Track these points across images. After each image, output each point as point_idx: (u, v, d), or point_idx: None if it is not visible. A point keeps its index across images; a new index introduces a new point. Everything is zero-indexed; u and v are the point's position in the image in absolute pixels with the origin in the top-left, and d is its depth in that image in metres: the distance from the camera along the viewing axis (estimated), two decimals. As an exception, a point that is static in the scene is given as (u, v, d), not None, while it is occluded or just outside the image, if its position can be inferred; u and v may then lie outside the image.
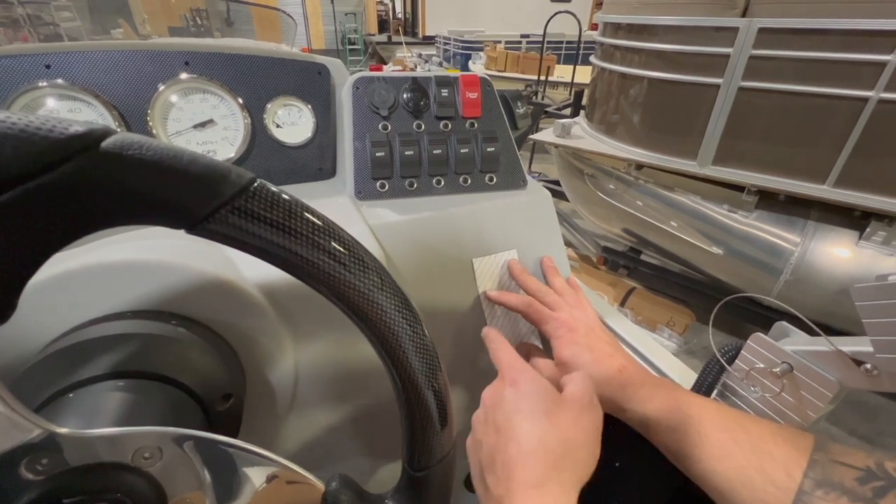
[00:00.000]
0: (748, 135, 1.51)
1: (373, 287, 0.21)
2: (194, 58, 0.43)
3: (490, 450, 0.31)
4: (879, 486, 0.26)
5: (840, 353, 0.31)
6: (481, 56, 5.63)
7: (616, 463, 0.57)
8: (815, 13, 1.28)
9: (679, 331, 1.95)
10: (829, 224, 1.53)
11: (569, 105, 2.90)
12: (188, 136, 0.45)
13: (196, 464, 0.22)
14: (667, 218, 1.82)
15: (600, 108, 1.98)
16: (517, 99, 0.55)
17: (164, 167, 0.16)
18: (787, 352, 0.35)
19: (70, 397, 0.25)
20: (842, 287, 1.48)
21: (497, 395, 0.34)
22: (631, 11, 1.71)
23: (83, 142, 0.14)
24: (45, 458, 0.19)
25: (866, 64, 1.26)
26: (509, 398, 0.33)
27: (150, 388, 0.27)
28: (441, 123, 0.50)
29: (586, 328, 0.43)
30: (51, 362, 0.26)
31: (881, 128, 1.30)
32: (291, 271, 0.19)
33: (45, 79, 0.38)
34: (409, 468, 0.26)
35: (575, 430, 0.31)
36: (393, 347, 0.22)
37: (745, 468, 0.30)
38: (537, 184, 0.55)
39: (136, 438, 0.20)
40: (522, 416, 0.31)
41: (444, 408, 0.25)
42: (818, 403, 0.33)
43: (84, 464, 0.19)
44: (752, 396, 0.38)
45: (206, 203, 0.16)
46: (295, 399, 0.39)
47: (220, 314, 0.33)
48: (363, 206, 0.46)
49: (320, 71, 0.49)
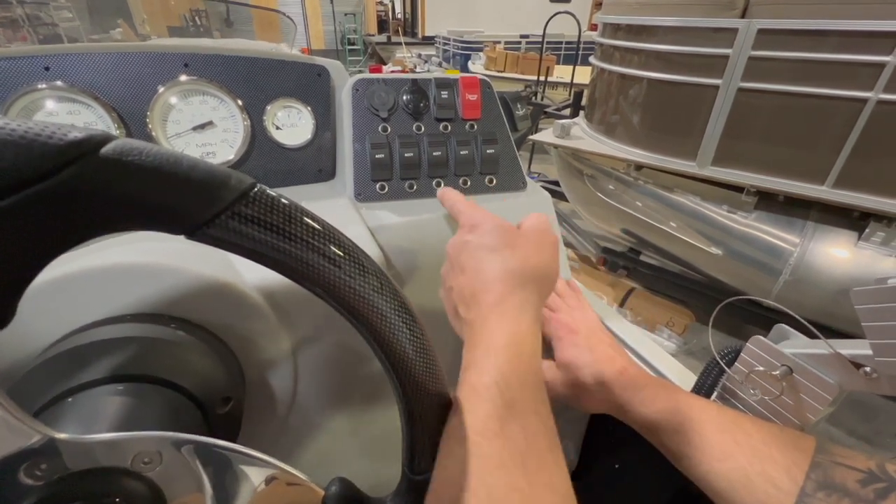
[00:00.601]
0: (747, 135, 1.51)
1: (372, 291, 0.21)
2: (194, 59, 0.43)
3: (460, 288, 0.34)
4: (881, 488, 0.26)
5: (839, 356, 0.31)
6: (481, 56, 5.64)
7: (616, 464, 0.57)
8: (815, 14, 1.28)
9: (678, 331, 1.95)
10: (829, 225, 1.53)
11: (568, 105, 2.90)
12: (188, 137, 0.45)
13: (195, 468, 0.22)
14: (666, 218, 1.82)
15: (600, 109, 1.98)
16: (517, 101, 0.55)
17: (163, 173, 0.15)
18: (786, 354, 0.35)
19: (69, 402, 0.24)
20: (841, 287, 1.48)
21: (459, 242, 0.36)
22: (630, 12, 1.71)
23: (82, 148, 0.14)
24: (44, 464, 0.19)
25: (865, 65, 1.26)
26: (471, 240, 0.35)
27: (150, 392, 0.27)
28: (441, 125, 0.50)
29: (587, 329, 0.43)
30: (49, 366, 0.26)
31: (880, 128, 1.30)
32: (291, 276, 0.19)
33: (44, 81, 0.38)
34: (408, 472, 0.26)
35: (534, 253, 0.34)
36: (392, 350, 0.22)
37: (746, 470, 0.30)
38: (537, 185, 0.55)
39: (135, 443, 0.20)
40: (485, 251, 0.34)
41: (444, 411, 0.25)
42: (817, 406, 0.33)
43: (83, 469, 0.19)
44: (752, 399, 0.38)
45: (206, 209, 0.16)
46: (294, 402, 0.39)
47: (220, 317, 0.33)
48: (363, 208, 0.46)
49: (320, 73, 0.49)
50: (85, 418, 0.24)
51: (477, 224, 0.36)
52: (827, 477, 0.28)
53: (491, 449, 0.24)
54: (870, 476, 0.27)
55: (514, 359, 0.28)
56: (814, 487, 0.28)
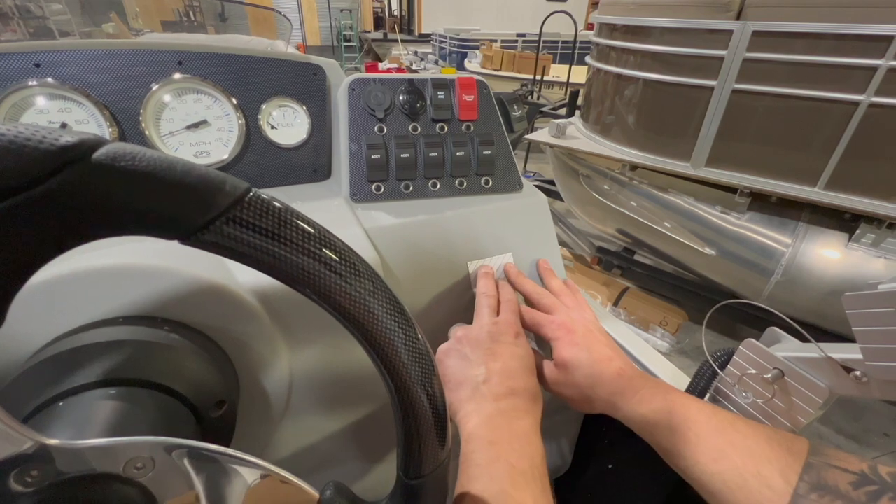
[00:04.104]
0: (741, 137, 1.53)
1: (367, 295, 0.20)
2: (188, 57, 0.43)
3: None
4: (873, 490, 0.27)
5: (831, 359, 0.32)
6: (477, 55, 5.63)
7: (609, 465, 0.58)
8: (809, 17, 1.29)
9: (671, 330, 1.96)
10: (820, 226, 1.55)
11: (564, 105, 2.90)
12: (181, 136, 0.44)
13: (189, 473, 0.21)
14: (660, 219, 1.83)
15: (595, 109, 1.99)
16: (513, 102, 0.55)
17: (157, 178, 0.15)
18: (778, 358, 0.35)
19: (60, 406, 0.24)
20: (831, 288, 1.50)
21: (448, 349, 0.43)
22: (626, 13, 1.71)
23: (74, 153, 0.14)
24: (35, 470, 0.18)
25: (858, 68, 1.27)
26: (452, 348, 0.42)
27: (142, 396, 0.26)
28: (437, 126, 0.50)
29: (584, 329, 0.43)
30: (40, 370, 0.25)
31: (871, 131, 1.31)
32: (285, 280, 0.19)
33: (34, 78, 0.38)
34: (403, 476, 0.26)
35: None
36: (387, 354, 0.22)
37: (740, 470, 0.31)
38: (533, 187, 0.55)
39: (128, 448, 0.20)
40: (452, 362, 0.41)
41: (439, 415, 0.25)
42: (808, 409, 0.34)
43: (75, 475, 0.19)
44: (744, 401, 0.38)
45: (200, 214, 0.16)
46: (289, 405, 0.39)
47: (214, 319, 0.32)
48: (358, 209, 0.46)
49: (316, 72, 0.48)
50: (76, 423, 0.23)
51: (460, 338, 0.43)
52: (820, 479, 0.28)
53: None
54: (862, 478, 0.27)
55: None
56: (807, 489, 0.28)
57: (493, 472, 0.31)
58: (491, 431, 0.34)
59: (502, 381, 0.37)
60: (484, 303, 0.44)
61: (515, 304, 0.45)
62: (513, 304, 0.45)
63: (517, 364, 0.39)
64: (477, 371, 0.38)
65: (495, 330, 0.41)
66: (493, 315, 0.43)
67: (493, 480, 0.30)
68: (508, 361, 0.39)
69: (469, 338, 0.41)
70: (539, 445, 0.35)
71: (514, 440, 0.34)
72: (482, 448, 0.33)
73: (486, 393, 0.36)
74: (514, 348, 0.40)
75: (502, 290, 0.47)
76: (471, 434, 0.34)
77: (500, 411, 0.35)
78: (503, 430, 0.34)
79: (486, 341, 0.40)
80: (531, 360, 0.41)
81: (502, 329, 0.41)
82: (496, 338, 0.40)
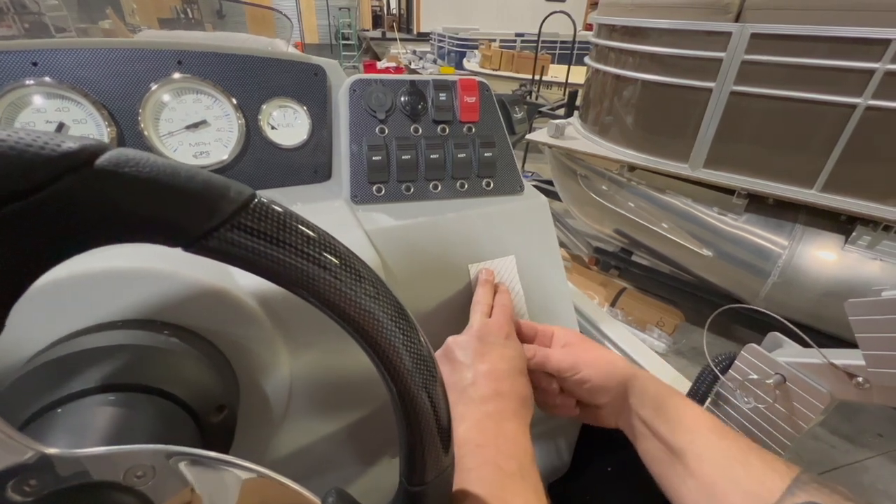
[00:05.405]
0: (739, 138, 1.53)
1: (368, 299, 0.20)
2: (187, 57, 0.42)
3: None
4: None
5: (832, 365, 0.32)
6: (476, 54, 5.63)
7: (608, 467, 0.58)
8: (807, 20, 1.30)
9: (668, 331, 1.97)
10: (816, 228, 1.56)
11: (563, 105, 2.90)
12: (180, 136, 0.44)
13: (189, 481, 0.21)
14: (658, 219, 1.83)
15: (594, 109, 1.99)
16: (515, 103, 0.55)
17: (161, 184, 0.15)
18: (780, 363, 0.35)
19: (58, 412, 0.24)
20: (827, 290, 1.50)
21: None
22: (625, 14, 1.71)
23: (76, 159, 0.14)
24: (33, 479, 0.18)
25: (855, 71, 1.28)
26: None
27: (142, 402, 0.26)
28: (438, 127, 0.49)
29: (579, 339, 0.43)
30: (38, 375, 0.25)
31: (868, 134, 1.32)
32: (289, 287, 0.19)
33: (32, 76, 0.37)
34: (405, 483, 0.25)
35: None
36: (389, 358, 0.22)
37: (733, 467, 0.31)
38: (534, 189, 0.54)
39: (128, 457, 0.20)
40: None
41: (442, 420, 0.25)
42: (810, 414, 0.34)
43: (74, 484, 0.19)
44: (745, 406, 0.38)
45: (204, 221, 0.16)
46: (289, 409, 0.39)
47: (214, 323, 0.32)
48: (359, 211, 0.46)
49: (317, 72, 0.48)
50: (75, 430, 0.23)
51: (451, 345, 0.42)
52: (817, 479, 0.28)
53: None
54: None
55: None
56: (807, 479, 0.28)
57: (481, 476, 0.31)
58: (478, 434, 0.34)
59: (488, 384, 0.37)
60: (476, 310, 0.44)
61: (509, 308, 0.45)
62: (506, 308, 0.44)
63: (506, 366, 0.39)
64: (465, 374, 0.38)
65: (484, 331, 0.41)
66: (485, 319, 0.43)
67: (481, 484, 0.30)
68: (497, 363, 0.38)
69: (458, 342, 0.40)
70: (528, 446, 0.34)
71: (501, 442, 0.33)
72: (470, 452, 0.32)
73: (473, 396, 0.36)
74: (503, 349, 0.40)
75: (498, 294, 0.46)
76: (460, 438, 0.34)
77: (487, 414, 0.35)
78: (490, 433, 0.34)
79: (475, 342, 0.40)
80: (521, 362, 0.40)
81: (492, 329, 0.41)
82: (484, 338, 0.40)
